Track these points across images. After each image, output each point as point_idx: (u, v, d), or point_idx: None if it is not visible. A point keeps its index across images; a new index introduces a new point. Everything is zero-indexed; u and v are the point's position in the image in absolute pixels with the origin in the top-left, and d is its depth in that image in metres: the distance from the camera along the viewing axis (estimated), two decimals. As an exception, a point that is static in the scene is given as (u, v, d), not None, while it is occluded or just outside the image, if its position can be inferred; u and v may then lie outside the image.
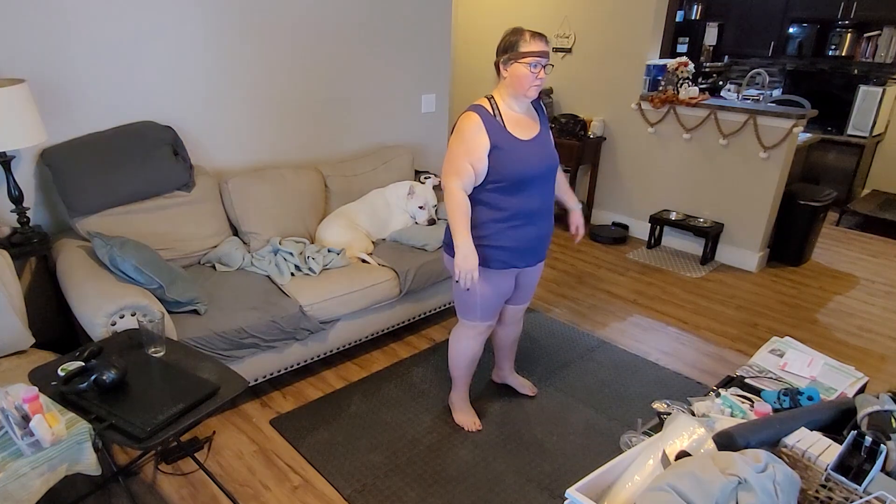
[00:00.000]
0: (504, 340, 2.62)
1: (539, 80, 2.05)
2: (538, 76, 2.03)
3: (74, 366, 1.77)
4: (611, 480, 1.36)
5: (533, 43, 2.01)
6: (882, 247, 4.70)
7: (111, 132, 2.57)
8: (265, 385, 2.74)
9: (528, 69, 2.01)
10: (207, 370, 1.87)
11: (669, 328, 3.38)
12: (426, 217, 3.22)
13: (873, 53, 5.37)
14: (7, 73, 2.33)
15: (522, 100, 2.10)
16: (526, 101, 2.13)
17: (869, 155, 5.51)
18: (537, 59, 2.00)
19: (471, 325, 2.33)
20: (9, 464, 1.46)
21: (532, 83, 2.04)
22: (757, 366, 1.86)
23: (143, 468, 2.24)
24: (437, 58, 3.85)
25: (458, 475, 2.25)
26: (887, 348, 3.24)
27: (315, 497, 2.15)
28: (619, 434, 2.46)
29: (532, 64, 2.00)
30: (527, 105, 2.15)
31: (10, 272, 2.11)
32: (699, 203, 4.31)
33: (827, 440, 1.34)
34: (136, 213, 2.59)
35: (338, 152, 3.53)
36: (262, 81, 3.06)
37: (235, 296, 2.51)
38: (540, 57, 2.01)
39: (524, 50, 2.00)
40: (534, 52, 2.00)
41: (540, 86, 2.07)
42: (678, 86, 4.23)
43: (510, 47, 2.03)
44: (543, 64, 2.03)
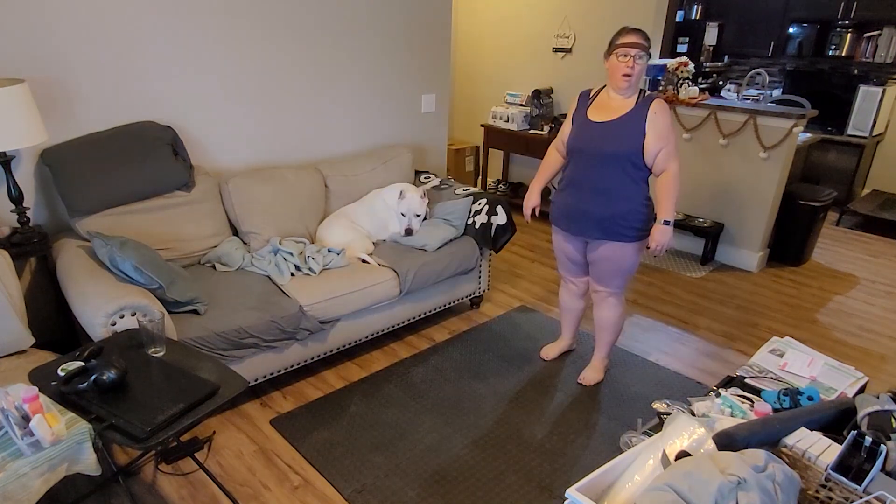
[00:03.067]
0: (595, 321, 2.79)
1: (628, 69, 2.21)
2: (626, 65, 2.20)
3: (74, 366, 1.77)
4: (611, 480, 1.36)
5: (623, 37, 2.22)
6: (882, 247, 4.70)
7: (111, 132, 2.57)
8: (265, 385, 2.74)
9: (616, 59, 2.23)
10: (207, 370, 1.87)
11: (669, 328, 3.38)
12: (404, 226, 3.13)
13: (873, 53, 5.37)
14: (7, 73, 2.33)
15: (617, 89, 2.30)
16: (621, 91, 2.30)
17: (869, 155, 5.50)
18: (626, 49, 2.19)
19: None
20: (9, 464, 1.46)
21: (620, 71, 2.23)
22: (757, 366, 1.86)
23: (143, 468, 2.24)
24: (437, 58, 3.85)
25: (458, 475, 2.25)
26: (887, 348, 3.24)
27: (315, 497, 2.15)
28: (619, 434, 2.46)
29: (620, 54, 2.21)
30: (626, 94, 2.31)
31: (10, 272, 2.11)
32: (699, 203, 4.31)
33: (827, 440, 1.34)
34: (136, 213, 2.59)
35: (338, 152, 3.53)
36: (262, 81, 3.06)
37: (235, 296, 2.51)
38: (628, 47, 2.19)
39: (616, 43, 2.23)
40: (621, 44, 2.21)
41: (630, 74, 2.22)
42: (678, 86, 4.23)
43: (610, 43, 2.29)
44: (632, 54, 2.19)
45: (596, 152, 2.34)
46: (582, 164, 2.41)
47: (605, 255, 2.50)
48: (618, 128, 2.31)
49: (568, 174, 2.50)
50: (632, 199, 2.38)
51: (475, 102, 5.70)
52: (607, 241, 2.46)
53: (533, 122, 4.90)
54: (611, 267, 2.53)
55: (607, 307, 2.66)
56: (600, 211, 2.40)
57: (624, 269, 2.53)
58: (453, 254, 3.08)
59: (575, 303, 2.84)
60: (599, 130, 2.33)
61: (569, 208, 2.49)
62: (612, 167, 2.33)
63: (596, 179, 2.37)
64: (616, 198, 2.37)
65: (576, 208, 2.46)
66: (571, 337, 2.97)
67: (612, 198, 2.37)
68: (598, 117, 2.35)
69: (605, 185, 2.36)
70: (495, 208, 3.17)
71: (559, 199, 2.55)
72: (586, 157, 2.38)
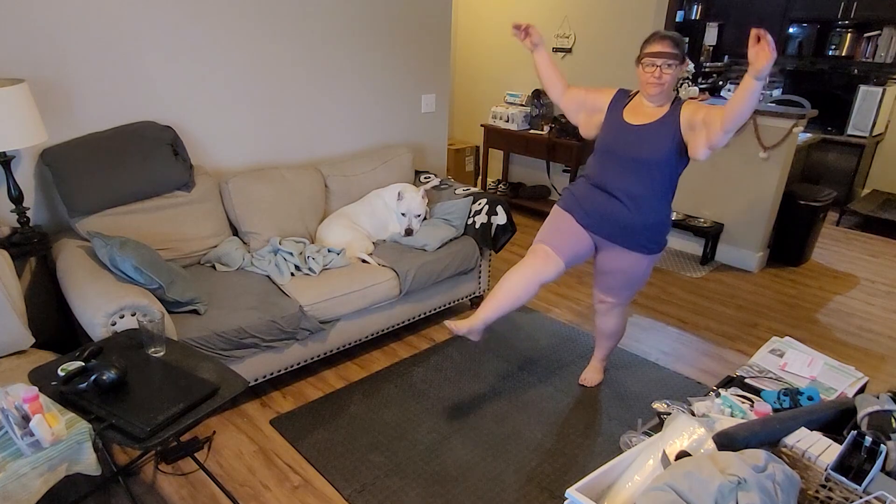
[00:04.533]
0: (597, 328, 2.72)
1: (654, 79, 2.13)
2: (653, 74, 2.13)
3: (74, 366, 1.77)
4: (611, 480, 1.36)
5: (650, 45, 2.14)
6: (882, 247, 4.70)
7: (111, 132, 2.57)
8: (265, 385, 2.74)
9: (643, 69, 2.16)
10: (207, 370, 1.87)
11: (669, 328, 3.38)
12: (404, 226, 3.14)
13: (873, 53, 5.37)
14: (7, 73, 2.33)
15: (647, 97, 2.22)
16: (651, 98, 2.21)
17: (869, 155, 5.50)
18: (651, 59, 2.12)
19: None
20: (9, 464, 1.46)
21: (647, 80, 2.15)
22: (757, 366, 1.86)
23: (143, 468, 2.24)
24: (437, 58, 3.85)
25: (458, 475, 2.25)
26: (887, 348, 3.24)
27: (315, 497, 2.15)
28: (619, 434, 2.46)
29: (647, 63, 2.13)
30: (658, 101, 2.22)
31: (10, 272, 2.10)
32: (699, 203, 4.31)
33: (827, 440, 1.34)
34: (136, 213, 2.59)
35: (338, 152, 3.53)
36: (262, 81, 3.06)
37: (235, 296, 2.51)
38: (654, 57, 2.11)
39: (643, 52, 2.16)
40: (647, 53, 2.13)
41: (658, 84, 2.14)
42: (678, 86, 4.23)
43: (640, 50, 2.20)
44: (658, 63, 2.11)
45: (629, 156, 2.23)
46: (613, 167, 2.29)
47: (622, 266, 2.41)
48: (653, 132, 2.21)
49: (596, 175, 2.35)
50: (659, 212, 2.29)
51: (475, 102, 5.69)
52: (627, 251, 2.36)
53: (533, 122, 4.90)
54: (625, 279, 2.45)
55: (614, 317, 2.61)
56: (627, 218, 2.29)
57: (637, 282, 2.47)
58: (453, 254, 3.08)
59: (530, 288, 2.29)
60: (634, 134, 2.23)
61: (593, 206, 2.35)
62: (645, 173, 2.23)
63: (627, 185, 2.26)
64: (645, 207, 2.27)
65: (602, 208, 2.33)
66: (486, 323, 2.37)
67: (641, 206, 2.26)
68: (634, 120, 2.25)
69: (636, 191, 2.25)
70: (495, 208, 3.17)
71: (581, 192, 2.39)
72: (618, 160, 2.27)
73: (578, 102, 2.40)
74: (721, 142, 2.08)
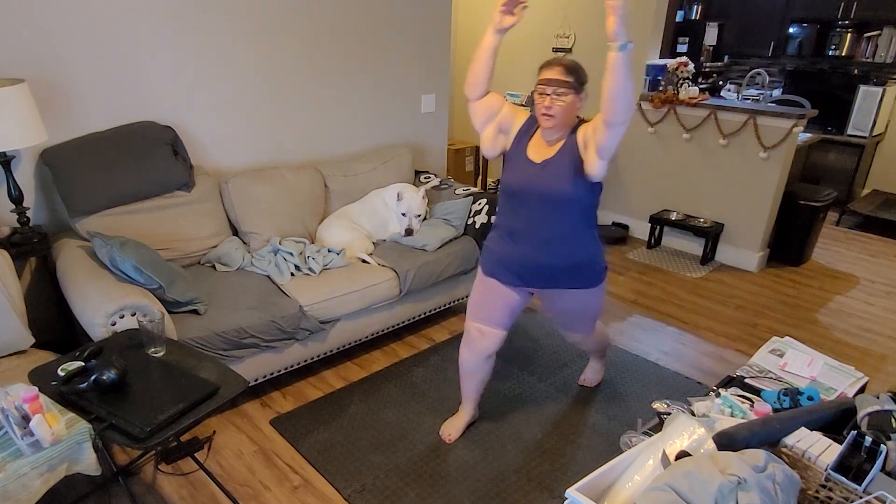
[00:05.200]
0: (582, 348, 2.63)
1: (544, 109, 1.92)
2: (542, 104, 1.93)
3: (74, 366, 1.77)
4: (611, 480, 1.36)
5: (541, 71, 1.95)
6: (882, 247, 4.70)
7: (111, 132, 2.57)
8: (265, 385, 2.74)
9: (536, 96, 1.95)
10: (207, 370, 1.87)
11: (669, 328, 3.38)
12: (405, 226, 3.14)
13: (873, 53, 5.37)
14: (7, 73, 2.33)
15: (543, 129, 2.02)
16: (546, 132, 2.01)
17: (869, 155, 5.50)
18: (542, 86, 1.92)
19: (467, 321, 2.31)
20: (9, 464, 1.46)
21: (538, 111, 1.95)
22: (757, 366, 1.86)
23: (143, 468, 2.24)
24: (437, 58, 3.85)
25: (458, 475, 2.25)
26: (887, 348, 3.24)
27: (315, 497, 2.15)
28: (619, 434, 2.46)
29: (538, 91, 1.94)
30: (554, 136, 2.01)
31: (10, 272, 2.10)
32: (699, 203, 4.31)
33: (827, 440, 1.34)
34: (136, 213, 2.59)
35: (338, 152, 3.53)
36: (262, 81, 3.06)
37: (235, 296, 2.51)
38: (544, 84, 1.91)
39: (537, 78, 1.96)
40: (539, 80, 1.94)
41: (548, 116, 1.93)
42: (678, 86, 4.23)
43: None
44: (547, 92, 1.91)
45: (537, 197, 2.01)
46: (523, 212, 2.06)
47: (568, 306, 2.25)
48: (555, 167, 1.98)
49: (505, 223, 2.13)
50: (584, 248, 2.10)
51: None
52: (566, 291, 2.18)
53: (533, 122, 4.89)
54: (577, 316, 2.31)
55: (590, 342, 2.53)
56: (551, 264, 2.10)
57: (592, 313, 2.32)
58: (453, 254, 3.08)
59: (482, 364, 2.31)
60: (538, 172, 2.00)
61: (514, 261, 2.13)
62: (556, 214, 2.02)
63: (541, 231, 2.05)
64: (565, 249, 2.07)
65: (523, 261, 2.12)
66: (475, 407, 2.48)
67: (561, 249, 2.07)
68: (536, 156, 2.03)
69: (551, 235, 2.05)
70: (495, 208, 3.17)
71: (498, 248, 2.17)
72: (526, 202, 2.04)
73: (492, 112, 2.09)
74: (607, 140, 1.83)
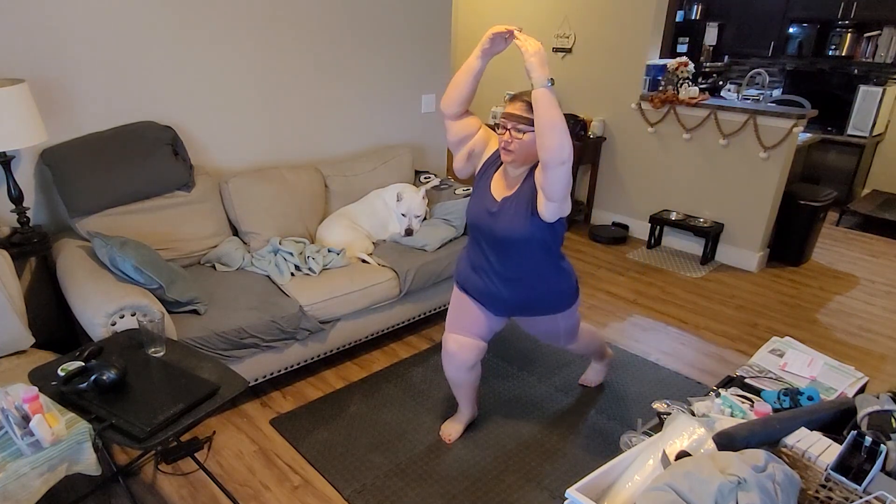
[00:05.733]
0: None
1: (504, 143, 1.87)
2: (502, 137, 1.87)
3: (74, 366, 1.77)
4: (611, 480, 1.36)
5: (507, 105, 1.89)
6: (882, 247, 4.70)
7: (111, 132, 2.57)
8: (265, 385, 2.74)
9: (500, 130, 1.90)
10: (207, 370, 1.87)
11: (669, 328, 3.38)
12: (405, 226, 3.14)
13: (873, 53, 5.37)
14: (7, 73, 2.33)
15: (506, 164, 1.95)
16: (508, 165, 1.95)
17: (869, 155, 5.51)
18: (504, 120, 1.86)
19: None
20: (9, 464, 1.46)
21: (501, 146, 1.90)
22: (757, 366, 1.86)
23: (143, 468, 2.24)
24: (437, 58, 3.85)
25: (458, 475, 2.25)
26: (887, 348, 3.24)
27: (315, 497, 2.15)
28: (619, 434, 2.46)
29: (500, 125, 1.89)
30: (516, 172, 1.95)
31: (10, 272, 2.10)
32: (699, 203, 4.31)
33: (827, 440, 1.34)
34: (136, 213, 2.59)
35: (338, 152, 3.53)
36: (262, 82, 3.06)
37: (235, 296, 2.51)
38: (505, 119, 1.85)
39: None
40: (502, 114, 1.88)
41: (507, 151, 1.87)
42: (678, 86, 4.23)
43: None
44: (507, 127, 1.84)
45: (494, 236, 1.97)
46: (482, 248, 2.04)
47: (547, 328, 2.23)
48: (512, 207, 1.93)
49: (471, 254, 2.13)
50: (549, 280, 2.06)
51: (475, 102, 5.67)
52: (537, 317, 2.17)
53: (533, 122, 4.89)
54: (554, 335, 2.30)
55: (579, 347, 2.50)
56: (516, 298, 2.08)
57: (570, 330, 2.30)
58: (453, 254, 3.08)
59: (467, 375, 2.26)
60: (496, 211, 1.96)
61: (479, 289, 2.12)
62: (514, 254, 1.98)
63: (501, 268, 2.02)
64: (527, 285, 2.05)
65: (487, 291, 2.10)
66: (472, 407, 2.46)
67: (523, 286, 2.05)
68: (497, 192, 1.98)
69: (512, 274, 2.02)
70: (495, 208, 3.17)
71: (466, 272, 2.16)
72: (485, 239, 2.02)
73: (467, 135, 2.04)
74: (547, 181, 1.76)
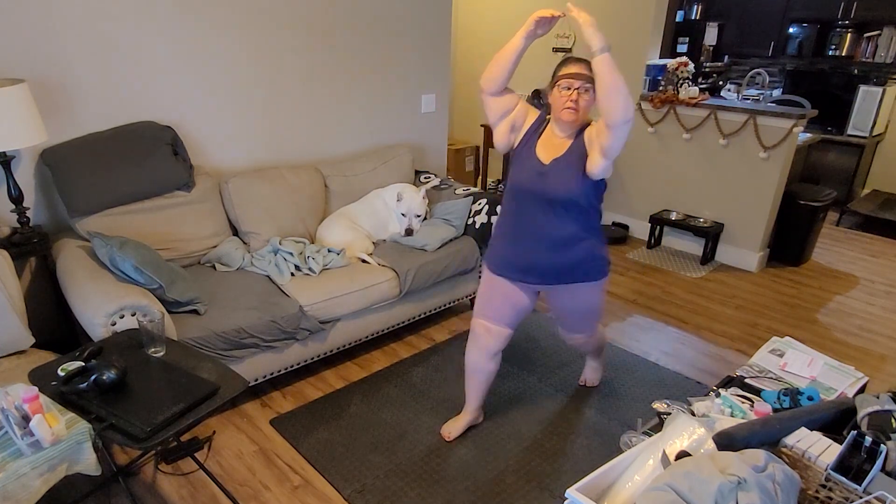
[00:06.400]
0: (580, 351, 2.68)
1: (571, 103, 1.99)
2: (570, 98, 1.99)
3: (74, 366, 1.77)
4: (611, 480, 1.36)
5: (566, 66, 2.02)
6: (882, 247, 4.70)
7: (111, 132, 2.57)
8: (265, 385, 2.74)
9: (558, 92, 2.02)
10: (207, 370, 1.87)
11: (669, 328, 3.38)
12: (405, 226, 3.14)
13: (873, 53, 5.37)
14: (7, 73, 2.33)
15: (560, 124, 2.06)
16: (564, 126, 2.06)
17: (869, 155, 5.50)
18: (569, 80, 1.99)
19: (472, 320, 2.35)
20: (9, 464, 1.46)
21: (563, 105, 2.01)
22: (757, 366, 1.86)
23: (143, 468, 2.24)
24: (437, 58, 3.85)
25: (458, 475, 2.25)
26: (887, 348, 3.24)
27: (315, 497, 2.15)
28: (619, 434, 2.46)
29: (563, 86, 2.00)
30: (568, 131, 2.07)
31: (10, 272, 2.10)
32: (699, 203, 4.31)
33: (827, 440, 1.34)
34: (136, 213, 2.59)
35: (338, 152, 3.53)
36: (262, 81, 3.06)
37: (235, 296, 2.51)
38: (572, 79, 1.99)
39: (558, 73, 2.03)
40: (563, 74, 2.00)
41: (574, 109, 2.00)
42: (678, 86, 4.23)
43: (552, 75, 2.06)
44: (575, 86, 1.98)
45: (545, 197, 2.06)
46: (530, 210, 2.11)
47: (574, 303, 2.28)
48: (563, 167, 2.03)
49: (510, 221, 2.19)
50: (590, 244, 2.13)
51: (475, 102, 5.69)
52: (574, 286, 2.20)
53: (533, 122, 4.89)
54: (582, 315, 2.33)
55: (590, 344, 2.54)
56: (558, 262, 2.13)
57: (596, 311, 2.34)
58: (453, 254, 3.08)
59: (487, 363, 2.33)
60: (546, 172, 2.05)
61: (520, 259, 2.18)
62: (563, 213, 2.06)
63: (548, 229, 2.09)
64: (572, 246, 2.11)
65: (529, 259, 2.16)
66: (478, 408, 2.48)
67: (568, 247, 2.11)
68: (545, 155, 2.07)
69: (559, 234, 2.09)
70: (495, 208, 3.17)
71: (503, 247, 2.22)
72: (534, 201, 2.09)
73: (507, 108, 2.14)
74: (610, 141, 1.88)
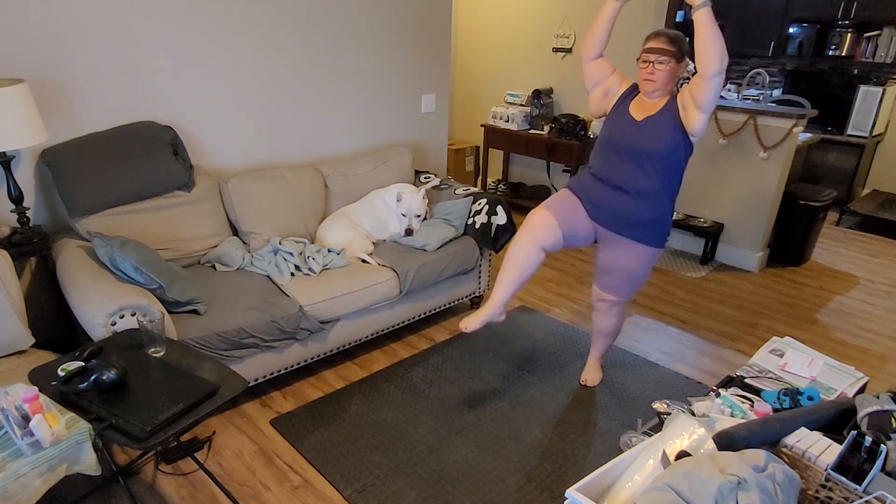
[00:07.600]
0: (595, 326, 2.73)
1: (647, 75, 2.19)
2: (645, 70, 2.20)
3: (74, 366, 1.77)
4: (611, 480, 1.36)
5: (646, 42, 2.21)
6: (882, 247, 4.70)
7: (111, 132, 2.57)
8: (265, 385, 2.74)
9: (640, 65, 2.23)
10: (207, 370, 1.87)
11: (669, 328, 3.38)
12: (405, 226, 3.15)
13: (873, 53, 5.37)
14: (7, 73, 2.33)
15: (644, 94, 2.28)
16: (648, 95, 2.26)
17: (869, 155, 5.50)
18: (645, 55, 2.19)
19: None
20: (9, 464, 1.46)
21: (642, 77, 2.23)
22: (757, 366, 1.86)
23: (143, 468, 2.24)
24: (437, 58, 3.85)
25: (458, 475, 2.25)
26: (887, 348, 3.24)
27: (315, 497, 2.15)
28: (619, 434, 2.46)
29: (641, 60, 2.21)
30: (655, 97, 2.26)
31: (10, 272, 2.10)
32: (699, 203, 4.31)
33: (827, 440, 1.34)
34: (136, 213, 2.59)
35: (338, 152, 3.53)
36: (262, 81, 3.06)
37: (235, 296, 2.51)
38: (647, 53, 2.17)
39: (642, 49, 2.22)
40: (643, 49, 2.20)
41: (650, 80, 2.20)
42: (678, 85, 4.22)
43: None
44: (651, 59, 2.16)
45: (633, 149, 2.26)
46: (617, 162, 2.31)
47: (625, 261, 2.42)
48: (654, 124, 2.23)
49: (601, 170, 2.37)
50: (664, 206, 2.32)
51: (475, 102, 5.69)
52: (632, 243, 2.37)
53: (533, 122, 4.90)
54: (627, 275, 2.46)
55: (613, 315, 2.62)
56: (633, 211, 2.32)
57: (639, 277, 2.47)
58: (453, 254, 3.08)
59: (529, 252, 2.34)
60: (637, 127, 2.26)
61: (599, 198, 2.38)
62: (649, 166, 2.26)
63: (632, 179, 2.29)
64: (650, 200, 2.30)
65: (607, 201, 2.36)
66: (502, 305, 2.45)
67: (647, 199, 2.29)
68: (637, 114, 2.29)
69: (642, 185, 2.28)
70: (495, 208, 3.17)
71: (587, 184, 2.42)
72: (623, 153, 2.29)
73: (602, 76, 2.38)
74: (706, 91, 2.08)
